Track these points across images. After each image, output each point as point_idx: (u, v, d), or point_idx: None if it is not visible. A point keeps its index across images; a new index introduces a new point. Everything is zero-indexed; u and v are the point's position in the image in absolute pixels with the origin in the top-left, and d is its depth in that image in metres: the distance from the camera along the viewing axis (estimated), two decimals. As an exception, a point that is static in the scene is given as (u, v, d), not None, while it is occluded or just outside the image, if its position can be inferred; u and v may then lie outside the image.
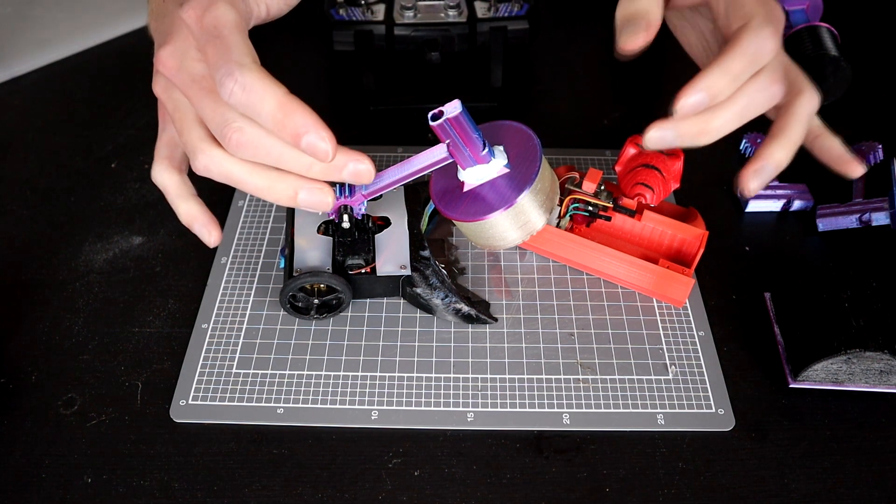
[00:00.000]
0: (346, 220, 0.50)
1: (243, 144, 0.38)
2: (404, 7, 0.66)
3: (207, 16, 0.39)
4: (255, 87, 0.36)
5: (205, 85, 0.39)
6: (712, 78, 0.41)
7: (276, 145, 0.38)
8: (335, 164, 0.39)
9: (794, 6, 0.74)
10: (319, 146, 0.36)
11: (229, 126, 0.38)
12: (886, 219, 0.55)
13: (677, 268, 0.50)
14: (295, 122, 0.36)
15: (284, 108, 0.36)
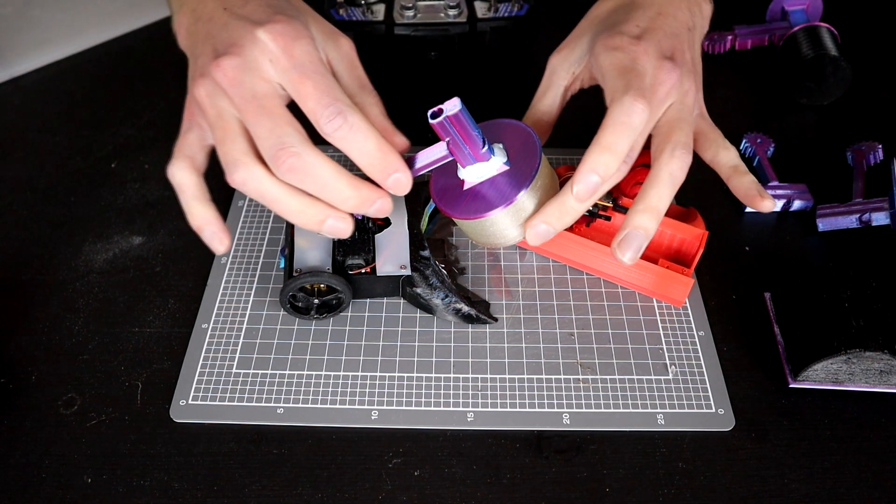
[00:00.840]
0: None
1: (295, 169, 0.40)
2: (404, 7, 0.66)
3: (298, 48, 0.41)
4: (361, 128, 0.41)
5: (265, 104, 0.41)
6: (595, 157, 0.42)
7: (326, 176, 0.41)
8: (365, 199, 0.42)
9: (794, 6, 0.74)
10: (402, 183, 0.42)
11: (286, 150, 0.40)
12: (886, 219, 0.55)
13: (677, 268, 0.50)
14: (390, 162, 0.41)
15: (383, 148, 0.41)
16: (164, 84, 0.70)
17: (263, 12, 0.42)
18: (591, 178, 0.42)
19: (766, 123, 0.66)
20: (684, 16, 0.49)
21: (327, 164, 0.41)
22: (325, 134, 0.41)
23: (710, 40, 0.74)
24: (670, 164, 0.44)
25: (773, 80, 0.71)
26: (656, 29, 0.47)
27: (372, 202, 0.42)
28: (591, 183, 0.42)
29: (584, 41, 0.50)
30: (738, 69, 0.73)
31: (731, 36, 0.74)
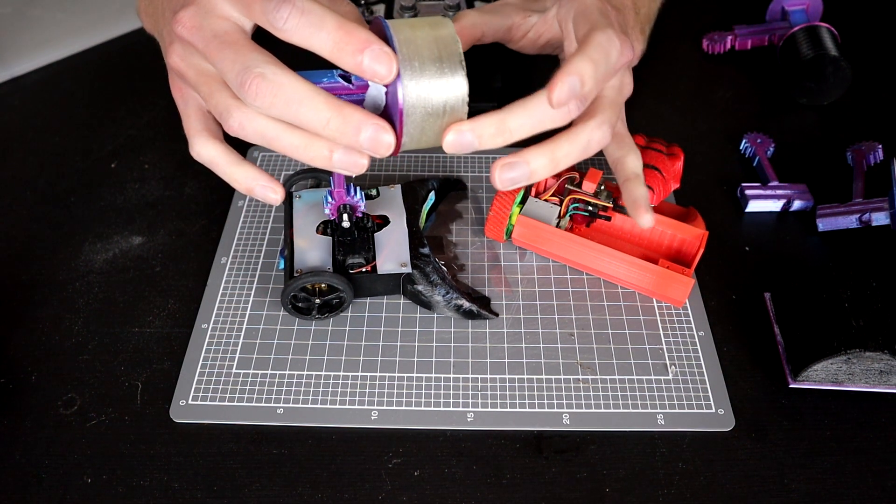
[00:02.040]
0: (345, 220, 0.50)
1: (262, 91, 0.36)
2: (404, 7, 0.66)
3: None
4: (315, 10, 0.36)
5: (227, 39, 0.38)
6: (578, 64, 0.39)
7: (299, 94, 0.37)
8: (348, 120, 0.37)
9: (794, 6, 0.74)
10: (382, 59, 0.36)
11: (250, 72, 0.37)
12: (886, 219, 0.55)
13: (677, 268, 0.50)
14: (359, 36, 0.36)
15: (346, 26, 0.36)
16: (164, 84, 0.69)
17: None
18: (573, 80, 0.38)
19: (766, 123, 0.66)
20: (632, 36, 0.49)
21: (299, 82, 0.37)
22: (278, 31, 0.37)
23: (710, 40, 0.74)
24: (594, 133, 0.42)
25: (773, 80, 0.71)
26: (618, 12, 0.47)
27: (358, 127, 0.37)
28: (574, 87, 0.38)
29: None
30: (738, 69, 0.73)
31: (731, 36, 0.74)
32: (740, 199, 0.60)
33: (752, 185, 0.59)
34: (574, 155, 0.41)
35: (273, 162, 0.62)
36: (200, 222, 0.58)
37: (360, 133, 0.37)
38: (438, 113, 0.38)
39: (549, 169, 0.41)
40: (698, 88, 0.71)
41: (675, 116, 0.68)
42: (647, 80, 0.72)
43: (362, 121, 0.37)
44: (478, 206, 0.59)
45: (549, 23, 0.50)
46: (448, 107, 0.38)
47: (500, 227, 0.54)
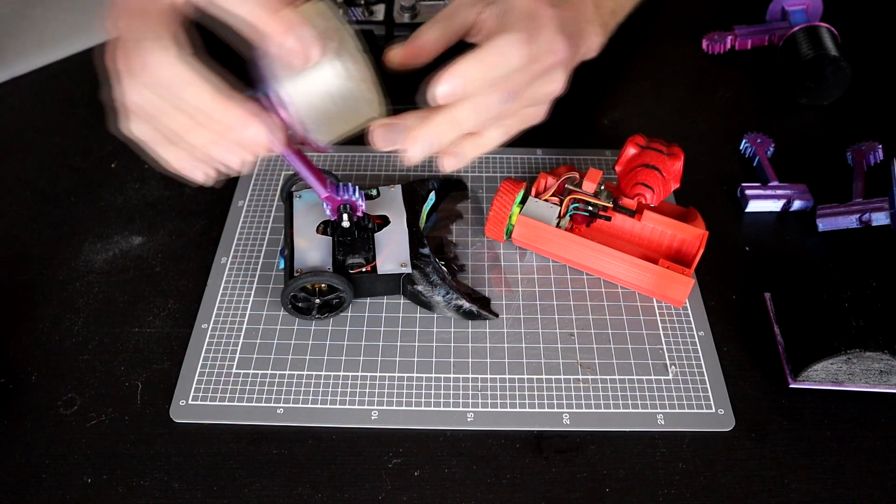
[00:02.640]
0: (345, 220, 0.50)
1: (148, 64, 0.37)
2: (404, 7, 0.66)
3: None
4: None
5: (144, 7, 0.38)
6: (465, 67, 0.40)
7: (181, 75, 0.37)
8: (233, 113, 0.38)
9: (794, 6, 0.74)
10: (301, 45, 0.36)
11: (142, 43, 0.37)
12: (886, 219, 0.55)
13: (677, 268, 0.50)
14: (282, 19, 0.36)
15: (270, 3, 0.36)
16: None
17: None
18: (455, 81, 0.40)
19: (766, 123, 0.66)
20: (575, 27, 0.49)
21: (189, 68, 0.37)
22: (206, 7, 0.37)
23: (710, 40, 0.74)
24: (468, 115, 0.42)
25: (773, 80, 0.71)
26: (569, 10, 0.47)
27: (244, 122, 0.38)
28: (455, 88, 0.40)
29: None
30: (738, 69, 0.73)
31: (731, 36, 0.74)
32: (740, 199, 0.60)
33: (752, 185, 0.59)
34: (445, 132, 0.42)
35: (273, 161, 0.62)
36: (200, 222, 0.58)
37: (246, 128, 0.38)
38: (333, 99, 0.38)
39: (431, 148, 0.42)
40: (698, 88, 0.71)
41: (675, 116, 0.68)
42: (647, 80, 0.72)
43: (247, 120, 0.38)
44: (478, 206, 0.59)
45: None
46: (336, 93, 0.38)
47: (500, 227, 0.54)
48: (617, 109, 0.68)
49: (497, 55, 0.41)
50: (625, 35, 0.77)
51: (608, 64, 0.74)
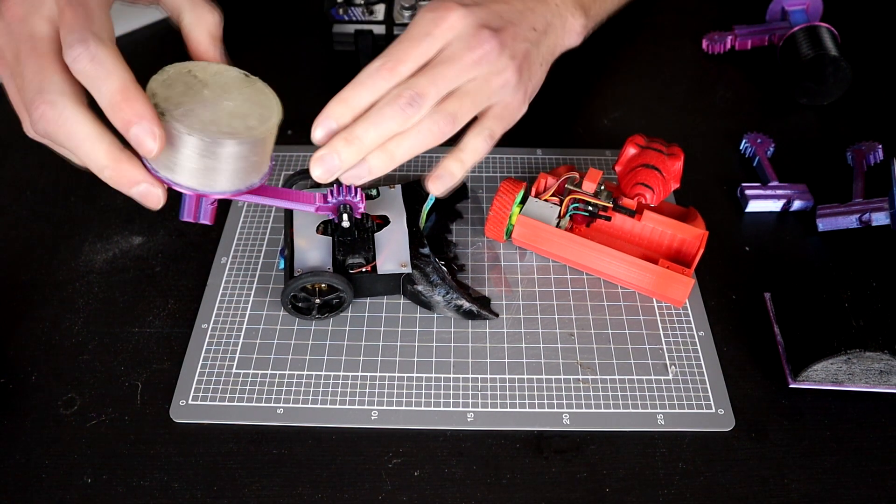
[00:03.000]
0: (346, 220, 0.50)
1: (48, 119, 0.37)
2: (404, 7, 0.66)
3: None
4: (105, 63, 0.36)
5: (39, 47, 0.38)
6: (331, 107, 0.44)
7: (82, 135, 0.37)
8: (124, 175, 0.39)
9: (794, 6, 0.74)
10: (147, 140, 0.37)
11: (42, 96, 0.37)
12: (886, 219, 0.55)
13: (677, 268, 0.50)
14: (134, 108, 0.36)
15: (127, 91, 0.36)
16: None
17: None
18: (329, 122, 0.43)
19: (766, 123, 0.66)
20: (536, 17, 0.50)
21: (87, 123, 0.37)
22: (69, 67, 0.37)
23: (710, 40, 0.74)
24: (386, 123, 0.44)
25: (773, 80, 0.71)
26: (492, 4, 0.48)
27: (131, 182, 0.39)
28: (328, 127, 0.43)
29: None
30: (738, 69, 0.73)
31: (731, 36, 0.74)
32: (740, 199, 0.60)
33: (752, 185, 0.59)
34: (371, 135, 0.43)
35: (273, 161, 0.62)
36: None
37: (135, 186, 0.39)
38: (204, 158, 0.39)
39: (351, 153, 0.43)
40: (698, 88, 0.71)
41: (675, 116, 0.68)
42: (647, 80, 0.72)
43: (136, 179, 0.39)
44: (478, 206, 0.59)
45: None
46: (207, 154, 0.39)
47: (500, 227, 0.54)
48: (617, 109, 0.68)
49: (365, 76, 0.44)
50: (625, 35, 0.77)
51: (608, 64, 0.74)
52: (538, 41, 0.50)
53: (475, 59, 0.45)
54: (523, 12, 0.49)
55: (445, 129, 0.44)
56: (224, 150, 0.39)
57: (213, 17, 0.44)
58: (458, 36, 0.45)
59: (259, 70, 0.67)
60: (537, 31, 0.49)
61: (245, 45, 0.74)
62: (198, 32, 0.43)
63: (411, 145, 0.44)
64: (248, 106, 0.41)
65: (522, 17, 0.49)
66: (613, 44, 0.76)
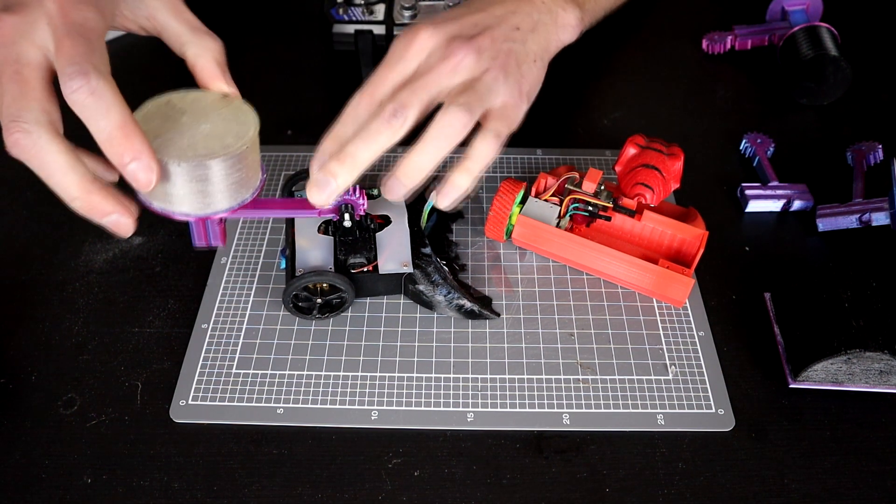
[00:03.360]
0: (347, 219, 0.50)
1: (21, 147, 0.37)
2: (404, 7, 0.66)
3: (76, 13, 0.39)
4: (105, 97, 0.37)
5: (23, 72, 0.38)
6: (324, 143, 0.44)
7: (54, 165, 0.38)
8: (94, 206, 0.39)
9: (794, 6, 0.74)
10: (140, 176, 0.38)
11: (18, 123, 0.37)
12: (886, 219, 0.55)
13: (677, 268, 0.50)
14: (133, 145, 0.37)
15: (126, 128, 0.37)
16: (164, 84, 0.70)
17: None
18: (322, 158, 0.44)
19: (766, 123, 0.66)
20: (519, 18, 0.50)
21: (60, 154, 0.38)
22: (66, 96, 0.37)
23: (710, 40, 0.74)
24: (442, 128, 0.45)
25: (773, 80, 0.71)
26: (466, 16, 0.49)
27: (102, 213, 0.39)
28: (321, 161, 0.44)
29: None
30: (738, 69, 0.73)
31: (731, 36, 0.74)
32: (740, 199, 0.60)
33: (752, 185, 0.59)
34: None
35: (273, 161, 0.62)
36: (200, 222, 0.57)
37: (105, 217, 0.40)
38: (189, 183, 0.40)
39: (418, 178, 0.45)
40: (698, 88, 0.71)
41: (675, 116, 0.68)
42: (647, 80, 0.72)
43: (106, 210, 0.39)
44: (478, 206, 0.59)
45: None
46: (188, 177, 0.40)
47: (500, 227, 0.54)
48: (617, 109, 0.68)
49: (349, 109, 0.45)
50: (625, 35, 0.77)
51: (608, 64, 0.74)
52: (524, 40, 0.50)
53: (452, 67, 0.46)
54: (503, 16, 0.50)
55: (464, 120, 0.44)
56: (203, 171, 0.40)
57: (217, 45, 0.45)
58: (430, 52, 0.47)
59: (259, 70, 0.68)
60: (522, 29, 0.50)
61: (245, 46, 0.74)
62: (204, 61, 0.44)
63: (437, 147, 0.45)
64: (225, 125, 0.41)
65: (502, 21, 0.50)
66: (613, 44, 0.76)
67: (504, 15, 0.50)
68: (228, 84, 0.44)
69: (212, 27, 0.45)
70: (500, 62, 0.48)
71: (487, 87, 0.47)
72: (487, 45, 0.48)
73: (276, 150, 0.63)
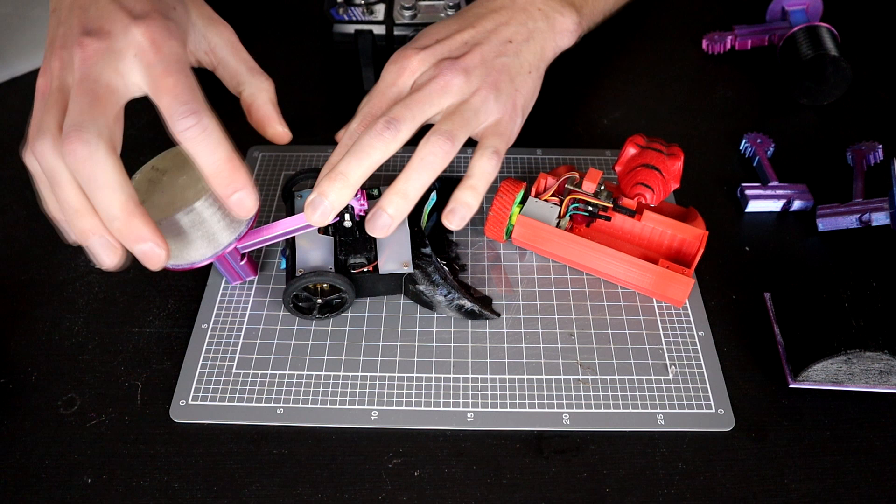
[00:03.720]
0: (347, 220, 0.50)
1: (77, 155, 0.38)
2: (404, 7, 0.66)
3: (167, 47, 0.40)
4: (214, 133, 0.39)
5: (100, 92, 0.39)
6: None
7: (104, 178, 0.38)
8: (133, 230, 0.39)
9: (794, 6, 0.74)
10: (246, 203, 0.41)
11: (80, 133, 0.38)
12: (886, 219, 0.55)
13: (677, 268, 0.50)
14: (237, 177, 0.40)
15: (232, 162, 0.40)
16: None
17: (142, 4, 0.41)
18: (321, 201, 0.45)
19: (766, 123, 0.66)
20: (511, 30, 0.51)
21: (114, 171, 0.38)
22: (175, 133, 0.39)
23: (710, 40, 0.74)
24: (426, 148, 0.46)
25: (773, 80, 0.71)
26: (456, 35, 0.50)
27: (138, 239, 0.39)
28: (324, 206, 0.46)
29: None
30: (738, 69, 0.73)
31: (731, 36, 0.74)
32: (740, 199, 0.60)
33: (752, 185, 0.59)
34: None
35: (273, 161, 0.62)
36: (200, 222, 0.57)
37: (139, 244, 0.39)
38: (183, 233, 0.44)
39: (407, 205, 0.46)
40: (698, 88, 0.71)
41: (675, 116, 0.68)
42: (647, 80, 0.72)
43: (143, 236, 0.39)
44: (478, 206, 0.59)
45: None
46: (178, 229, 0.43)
47: (500, 227, 0.54)
48: (617, 109, 0.68)
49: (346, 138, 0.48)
50: (625, 35, 0.77)
51: (608, 64, 0.74)
52: (517, 52, 0.50)
53: (441, 87, 0.47)
54: (494, 29, 0.50)
55: (445, 147, 0.46)
56: (192, 217, 0.43)
57: (271, 86, 0.48)
58: (420, 75, 0.48)
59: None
60: (515, 41, 0.50)
61: (245, 46, 0.74)
62: (261, 102, 0.47)
63: (419, 177, 0.46)
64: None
65: (492, 35, 0.50)
66: (613, 44, 0.76)
67: (495, 28, 0.51)
68: (282, 124, 0.47)
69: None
70: (491, 80, 0.48)
71: (475, 110, 0.48)
72: (476, 64, 0.48)
73: (276, 149, 0.63)
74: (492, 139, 0.48)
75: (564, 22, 0.53)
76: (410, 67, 0.49)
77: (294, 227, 0.48)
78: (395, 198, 0.46)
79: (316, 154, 0.63)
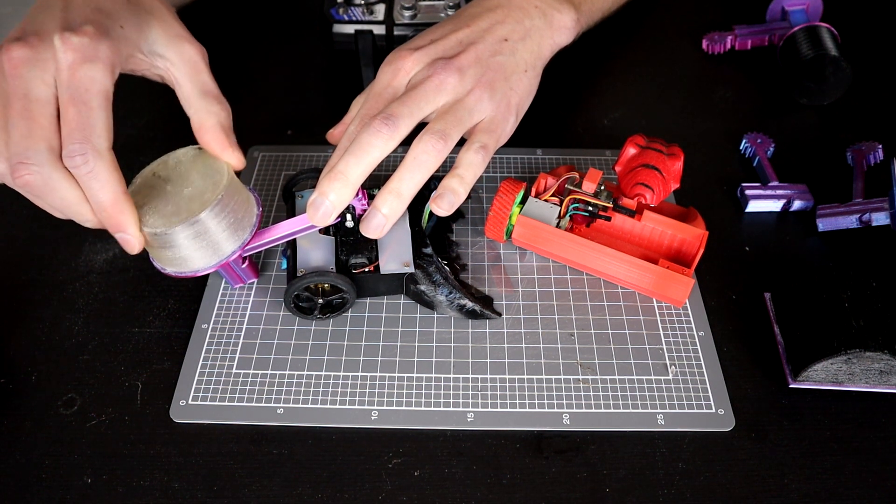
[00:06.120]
0: (348, 220, 0.50)
1: (31, 186, 0.40)
2: (404, 7, 0.66)
3: (83, 71, 0.40)
4: (101, 177, 0.40)
5: (32, 109, 0.40)
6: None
7: (70, 199, 0.41)
8: (113, 220, 0.42)
9: (794, 6, 0.74)
10: (129, 243, 0.43)
11: (26, 165, 0.39)
12: (886, 219, 0.55)
13: (677, 268, 0.50)
14: (121, 220, 0.42)
15: (117, 205, 0.41)
16: (164, 85, 0.70)
17: (82, 14, 0.41)
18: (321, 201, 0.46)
19: (766, 123, 0.66)
20: (507, 28, 0.51)
21: (71, 189, 0.41)
22: (67, 165, 0.40)
23: (710, 40, 0.74)
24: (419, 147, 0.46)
25: (773, 80, 0.71)
26: (451, 34, 0.50)
27: (116, 229, 0.43)
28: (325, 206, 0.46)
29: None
30: (738, 69, 0.73)
31: (731, 36, 0.74)
32: (740, 199, 0.60)
33: (752, 185, 0.59)
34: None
35: (273, 161, 0.62)
36: (200, 222, 0.57)
37: (116, 233, 0.43)
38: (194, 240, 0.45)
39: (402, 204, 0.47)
40: (698, 88, 0.71)
41: (675, 116, 0.68)
42: (647, 80, 0.72)
43: (119, 228, 0.43)
44: (478, 206, 0.59)
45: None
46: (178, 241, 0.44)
47: (500, 227, 0.54)
48: (617, 109, 0.68)
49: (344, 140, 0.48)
50: (625, 35, 0.77)
51: (608, 64, 0.74)
52: (513, 50, 0.50)
53: (436, 86, 0.47)
54: (489, 28, 0.50)
55: (438, 146, 0.46)
56: (197, 228, 0.44)
57: (223, 111, 0.47)
58: (415, 75, 0.48)
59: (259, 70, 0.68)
60: (511, 40, 0.50)
61: (245, 46, 0.74)
62: (208, 125, 0.46)
63: (413, 176, 0.46)
64: (203, 182, 0.45)
65: (487, 34, 0.50)
66: (614, 44, 0.76)
67: (490, 27, 0.51)
68: (233, 151, 0.46)
69: (212, 27, 0.45)
70: (486, 79, 0.48)
71: (469, 109, 0.48)
72: (471, 63, 0.48)
73: (276, 150, 0.63)
74: (481, 135, 0.48)
75: (562, 18, 0.53)
76: (405, 68, 0.49)
77: (296, 228, 0.48)
78: (389, 197, 0.46)
79: (316, 154, 0.63)
